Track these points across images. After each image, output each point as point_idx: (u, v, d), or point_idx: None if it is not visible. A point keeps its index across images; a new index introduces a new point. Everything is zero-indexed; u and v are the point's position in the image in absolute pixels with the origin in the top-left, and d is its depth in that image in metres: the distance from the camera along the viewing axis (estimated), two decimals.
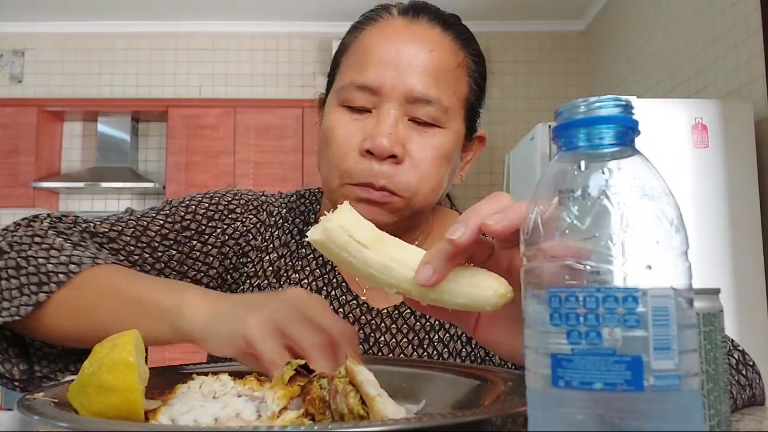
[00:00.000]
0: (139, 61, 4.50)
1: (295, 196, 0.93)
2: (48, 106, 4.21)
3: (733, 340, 0.73)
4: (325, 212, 0.88)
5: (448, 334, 0.82)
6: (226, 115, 4.16)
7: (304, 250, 0.87)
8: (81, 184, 4.07)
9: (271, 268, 0.86)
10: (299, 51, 4.46)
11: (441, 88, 0.77)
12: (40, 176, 4.11)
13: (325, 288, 0.85)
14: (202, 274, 0.83)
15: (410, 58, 0.76)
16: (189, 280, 0.82)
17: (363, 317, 0.82)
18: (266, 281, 0.85)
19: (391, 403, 0.43)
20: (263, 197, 0.91)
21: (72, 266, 0.68)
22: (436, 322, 0.83)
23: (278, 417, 0.46)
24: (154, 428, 0.44)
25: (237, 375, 0.55)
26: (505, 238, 0.43)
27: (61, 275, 0.67)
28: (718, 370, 0.43)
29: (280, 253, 0.87)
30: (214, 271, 0.84)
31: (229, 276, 0.86)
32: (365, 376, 0.45)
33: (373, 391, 0.43)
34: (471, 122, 0.83)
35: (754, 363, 0.71)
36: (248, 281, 0.86)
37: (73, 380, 0.48)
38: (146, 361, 0.52)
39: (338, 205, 0.49)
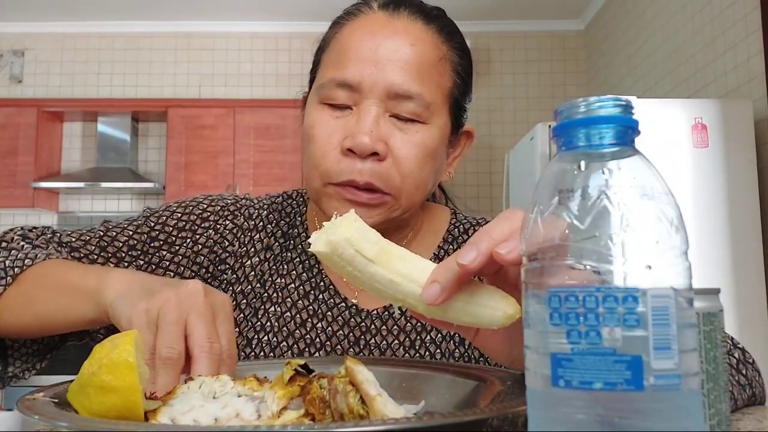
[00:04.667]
0: (138, 61, 4.49)
1: (281, 197, 0.92)
2: (48, 106, 4.21)
3: (732, 338, 0.72)
4: (317, 220, 0.89)
5: (440, 335, 0.81)
6: (225, 115, 4.15)
7: (289, 253, 0.86)
8: (81, 184, 4.06)
9: (253, 273, 0.84)
10: (299, 51, 4.45)
11: (423, 83, 0.75)
12: (40, 176, 4.10)
13: (312, 292, 0.83)
14: None
15: (390, 53, 0.74)
16: None
17: (352, 320, 0.81)
18: (249, 286, 0.84)
19: (391, 403, 0.43)
20: (243, 200, 0.89)
21: (27, 261, 0.73)
22: (427, 323, 0.81)
23: (278, 417, 0.46)
24: (154, 428, 0.44)
25: (237, 375, 0.55)
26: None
27: (16, 269, 0.72)
28: (718, 369, 0.43)
29: (262, 257, 0.85)
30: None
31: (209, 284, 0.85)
32: (365, 375, 0.45)
33: (373, 391, 0.43)
34: (456, 117, 0.82)
35: (753, 361, 0.71)
36: (230, 288, 0.84)
37: (72, 380, 0.48)
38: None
39: (339, 215, 0.47)
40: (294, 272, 0.84)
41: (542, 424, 0.32)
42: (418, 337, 0.80)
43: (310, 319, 0.81)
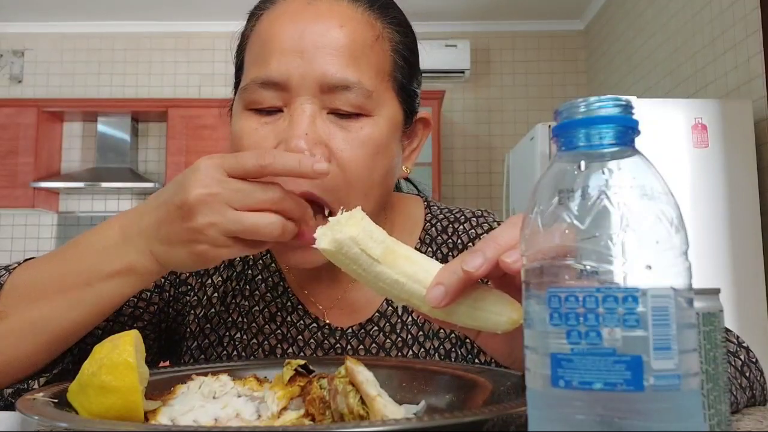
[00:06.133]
0: (138, 62, 4.49)
1: None
2: (47, 106, 4.21)
3: (738, 337, 0.70)
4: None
5: (423, 349, 0.75)
6: (225, 115, 4.15)
7: (251, 270, 0.78)
8: (81, 185, 4.06)
9: (216, 294, 0.77)
10: None
11: (360, 69, 0.65)
12: (40, 176, 4.10)
13: (279, 313, 0.76)
14: (141, 310, 0.75)
15: (317, 39, 0.64)
16: (126, 317, 0.74)
17: (326, 341, 0.75)
18: (213, 309, 0.77)
19: (391, 403, 0.43)
20: None
21: None
22: (409, 337, 0.75)
23: (278, 417, 0.46)
24: (154, 428, 0.44)
25: (237, 375, 0.55)
26: None
27: None
28: (718, 369, 0.43)
29: (224, 276, 0.78)
30: (154, 306, 0.76)
31: (170, 309, 0.78)
32: (365, 376, 0.45)
33: (373, 391, 0.43)
34: (408, 104, 0.72)
35: (757, 360, 0.70)
36: (192, 311, 0.77)
37: (72, 380, 0.48)
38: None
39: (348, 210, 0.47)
40: (257, 293, 0.77)
41: (542, 424, 0.32)
42: (399, 353, 0.75)
43: (279, 345, 0.75)
